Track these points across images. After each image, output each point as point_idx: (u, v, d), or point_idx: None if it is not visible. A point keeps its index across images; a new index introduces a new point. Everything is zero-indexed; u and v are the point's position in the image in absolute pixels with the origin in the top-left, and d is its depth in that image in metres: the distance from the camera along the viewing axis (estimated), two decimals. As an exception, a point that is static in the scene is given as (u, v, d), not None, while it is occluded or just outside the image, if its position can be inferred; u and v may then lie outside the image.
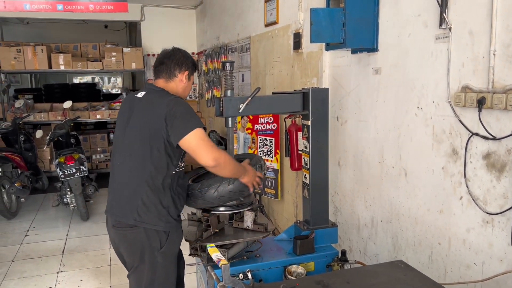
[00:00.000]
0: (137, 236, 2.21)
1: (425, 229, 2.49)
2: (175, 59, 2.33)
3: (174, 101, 2.18)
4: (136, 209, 2.18)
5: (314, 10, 2.66)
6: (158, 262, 2.23)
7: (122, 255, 2.36)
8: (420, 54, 2.43)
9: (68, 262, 4.25)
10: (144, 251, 2.22)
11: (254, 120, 4.45)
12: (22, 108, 6.98)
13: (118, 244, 2.33)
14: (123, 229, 2.24)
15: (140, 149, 2.18)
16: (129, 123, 2.27)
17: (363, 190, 3.08)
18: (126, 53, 7.51)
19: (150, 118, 2.17)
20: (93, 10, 4.70)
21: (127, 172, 2.24)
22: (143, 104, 2.26)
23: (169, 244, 2.25)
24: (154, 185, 2.18)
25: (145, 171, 2.17)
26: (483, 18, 2.01)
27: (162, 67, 2.34)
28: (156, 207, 2.19)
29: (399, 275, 1.80)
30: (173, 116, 2.10)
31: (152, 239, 2.20)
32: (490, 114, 2.00)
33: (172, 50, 2.39)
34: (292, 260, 2.46)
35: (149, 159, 2.16)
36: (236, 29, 5.62)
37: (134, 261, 2.28)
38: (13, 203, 5.66)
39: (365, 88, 2.96)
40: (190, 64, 2.38)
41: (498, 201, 2.00)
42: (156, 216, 2.19)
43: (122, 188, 2.25)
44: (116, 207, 2.27)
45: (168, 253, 2.27)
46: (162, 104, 2.16)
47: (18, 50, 7.02)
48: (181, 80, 2.35)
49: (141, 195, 2.18)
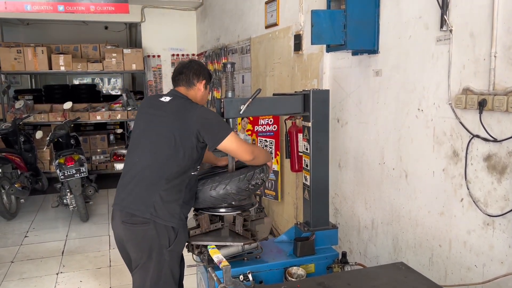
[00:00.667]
0: (147, 233, 2.26)
1: (426, 231, 2.49)
2: (193, 69, 2.49)
3: (205, 110, 2.35)
4: (153, 204, 2.25)
5: (315, 12, 2.66)
6: (165, 260, 2.29)
7: (128, 252, 2.38)
8: (421, 56, 2.43)
9: (68, 263, 4.24)
10: (153, 248, 2.27)
11: (254, 121, 4.45)
12: (22, 109, 6.98)
13: (126, 240, 2.35)
14: (134, 225, 2.28)
15: (166, 149, 2.28)
16: (153, 124, 2.38)
17: (363, 192, 3.08)
18: (126, 54, 7.51)
19: (181, 123, 2.28)
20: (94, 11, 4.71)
21: (147, 169, 2.30)
22: (171, 108, 2.36)
23: (177, 242, 2.32)
24: (175, 184, 2.27)
25: (169, 169, 2.26)
26: (484, 20, 2.01)
27: (182, 76, 2.49)
28: (172, 204, 2.27)
29: (400, 277, 1.80)
30: (208, 124, 2.27)
31: (161, 236, 2.26)
32: (491, 116, 2.00)
33: (189, 61, 2.57)
34: (292, 261, 2.46)
35: (175, 160, 2.26)
36: (237, 30, 5.63)
37: (141, 258, 2.31)
38: (13, 204, 5.65)
39: (366, 90, 2.96)
40: (207, 74, 2.54)
41: (499, 203, 2.00)
42: (171, 213, 2.27)
43: (139, 183, 2.31)
44: (128, 201, 2.31)
45: (175, 251, 2.33)
46: (193, 112, 2.30)
47: (19, 51, 7.02)
48: (199, 88, 2.50)
49: (159, 191, 2.26)
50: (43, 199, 6.48)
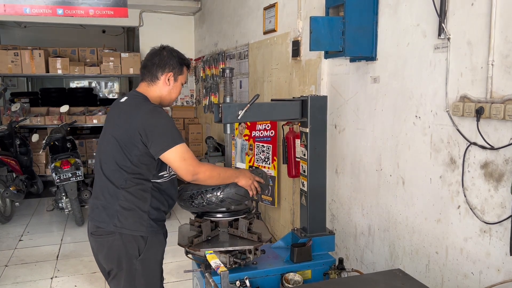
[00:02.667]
0: (114, 243, 2.15)
1: (423, 238, 2.49)
2: (158, 60, 2.21)
3: (151, 112, 2.10)
4: (116, 214, 2.14)
5: (313, 19, 2.67)
6: (136, 270, 2.19)
7: (101, 262, 2.31)
8: (419, 64, 2.45)
9: (63, 268, 4.21)
10: (121, 259, 2.17)
11: (251, 126, 4.46)
12: (18, 112, 6.96)
13: (96, 251, 2.28)
14: (100, 237, 2.19)
15: (116, 156, 2.14)
16: (107, 130, 2.25)
17: (360, 198, 3.08)
18: (124, 58, 7.51)
19: (125, 126, 2.12)
20: (93, 15, 4.70)
21: (104, 178, 2.18)
22: (123, 110, 2.20)
23: (149, 250, 2.20)
24: (134, 191, 2.14)
25: (121, 177, 2.13)
26: (481, 29, 2.03)
27: (145, 69, 2.24)
28: (136, 211, 2.15)
29: (397, 284, 1.79)
30: (151, 130, 2.05)
31: (128, 246, 2.15)
32: (488, 124, 2.01)
33: (158, 49, 2.25)
34: (289, 267, 2.45)
35: (124, 166, 2.12)
36: (235, 36, 5.64)
37: (112, 269, 2.23)
38: (8, 207, 5.62)
39: (363, 97, 2.97)
40: (176, 64, 2.23)
41: (495, 210, 2.01)
42: (137, 221, 2.15)
43: (101, 193, 2.20)
44: (95, 213, 2.22)
45: (148, 260, 2.22)
46: (138, 114, 2.09)
47: (16, 53, 7.01)
48: (165, 82, 2.23)
49: (118, 201, 2.14)
50: (38, 203, 6.44)
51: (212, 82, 6.51)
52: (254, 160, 4.47)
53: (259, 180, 2.31)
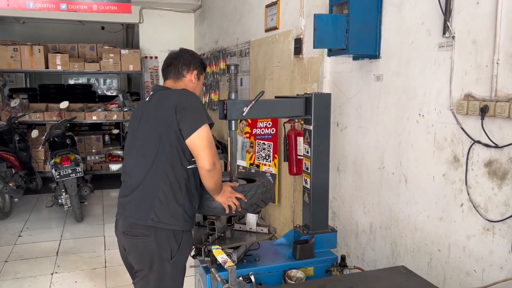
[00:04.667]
0: (148, 245, 2.16)
1: (425, 236, 2.50)
2: (183, 59, 2.34)
3: (183, 92, 2.21)
4: (153, 208, 2.14)
5: (318, 16, 2.68)
6: (167, 273, 2.20)
7: (130, 263, 2.30)
8: (423, 62, 2.45)
9: (63, 264, 4.21)
10: (154, 261, 2.17)
11: (252, 124, 4.46)
12: (17, 108, 6.93)
13: (127, 251, 2.27)
14: (135, 237, 2.19)
15: (153, 148, 2.16)
16: (139, 126, 2.28)
17: (362, 196, 3.09)
18: (123, 55, 7.49)
19: (160, 113, 2.17)
20: (97, 10, 4.68)
21: (142, 173, 2.19)
22: (151, 104, 2.27)
23: (180, 254, 2.21)
24: (169, 182, 2.15)
25: (160, 168, 2.15)
26: (487, 28, 2.04)
27: (170, 68, 2.35)
28: (172, 204, 2.15)
29: (402, 281, 1.80)
30: (183, 108, 2.11)
31: (163, 249, 2.16)
32: (493, 123, 2.02)
33: (179, 51, 2.39)
34: (291, 264, 2.46)
35: (162, 156, 2.14)
36: (236, 33, 5.64)
37: (142, 270, 2.22)
38: (7, 203, 5.60)
39: (366, 95, 2.98)
40: (199, 64, 2.39)
41: (499, 208, 2.02)
42: (174, 215, 2.16)
43: (138, 189, 2.20)
44: (130, 209, 2.21)
45: (178, 263, 2.23)
46: (170, 96, 2.18)
47: (15, 49, 6.97)
48: (190, 80, 2.36)
49: (157, 194, 2.15)
50: (37, 199, 6.43)
51: (213, 79, 6.51)
52: (255, 158, 4.48)
53: (239, 196, 2.26)
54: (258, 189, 2.33)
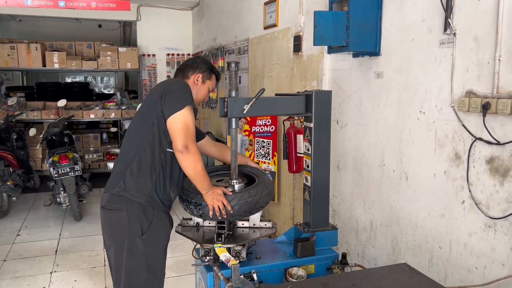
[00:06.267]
0: (120, 220, 2.25)
1: (426, 233, 2.50)
2: (191, 62, 2.48)
3: (174, 79, 2.34)
4: (123, 178, 2.25)
5: (318, 13, 2.67)
6: (139, 249, 2.26)
7: (104, 237, 2.41)
8: (424, 59, 2.45)
9: (62, 262, 4.19)
10: (125, 236, 2.25)
11: (251, 122, 4.45)
12: (14, 106, 6.89)
13: (102, 225, 2.38)
14: (109, 211, 2.29)
15: (136, 126, 2.33)
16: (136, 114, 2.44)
17: (362, 194, 3.09)
18: (121, 52, 7.46)
19: (149, 97, 2.32)
20: (95, 7, 4.65)
21: (123, 149, 2.35)
22: (149, 93, 2.40)
23: (152, 231, 2.27)
24: (145, 158, 2.24)
25: (138, 144, 2.26)
26: (488, 24, 2.03)
27: (179, 71, 2.50)
28: (142, 179, 2.24)
29: (405, 278, 1.80)
30: (168, 91, 2.22)
31: (133, 224, 2.24)
32: (495, 119, 2.02)
33: (194, 57, 2.59)
34: (292, 262, 2.45)
35: (142, 132, 2.26)
36: (234, 31, 5.62)
37: (115, 245, 2.31)
38: (4, 202, 5.57)
39: (367, 92, 2.97)
40: (207, 68, 2.48)
41: (501, 205, 2.02)
42: (140, 189, 2.23)
43: (117, 164, 2.34)
44: (109, 181, 2.34)
45: (151, 241, 2.29)
46: (161, 83, 2.35)
47: (12, 47, 6.93)
48: (193, 81, 2.44)
49: (130, 166, 2.25)
50: (35, 198, 6.40)
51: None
52: (254, 156, 4.47)
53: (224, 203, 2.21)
54: (249, 197, 2.26)
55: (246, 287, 1.51)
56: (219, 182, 2.51)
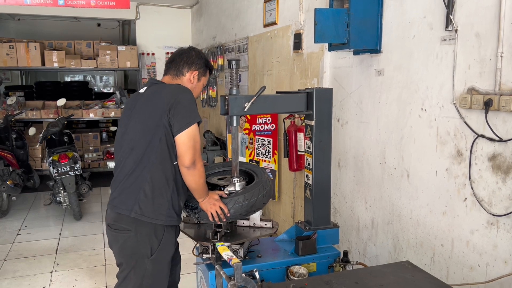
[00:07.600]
0: (128, 241, 2.18)
1: (428, 231, 2.49)
2: (186, 57, 2.32)
3: (178, 88, 2.18)
4: (138, 201, 2.15)
5: (318, 10, 2.65)
6: (146, 269, 2.21)
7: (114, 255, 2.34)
8: (425, 56, 2.44)
9: (62, 262, 4.18)
10: (133, 257, 2.19)
11: (252, 120, 4.44)
12: (14, 106, 6.88)
13: (110, 244, 2.32)
14: (116, 231, 2.22)
15: (142, 141, 2.16)
16: (131, 118, 2.26)
17: (363, 191, 3.08)
18: (120, 51, 7.45)
19: (152, 108, 2.16)
20: (95, 5, 4.62)
21: (131, 166, 2.18)
22: (145, 97, 2.25)
23: (161, 251, 2.22)
24: (157, 177, 2.15)
25: (148, 162, 2.15)
26: (490, 21, 2.02)
27: (172, 64, 2.34)
28: (157, 199, 2.16)
29: (407, 276, 1.79)
30: (176, 104, 2.09)
31: (141, 245, 2.17)
32: (497, 116, 2.01)
33: (186, 48, 2.37)
34: (294, 260, 2.45)
35: (152, 150, 2.14)
36: (234, 29, 5.61)
37: (122, 264, 2.26)
38: (4, 201, 5.56)
39: (367, 89, 2.96)
40: (202, 64, 2.35)
41: (503, 202, 2.01)
42: (157, 210, 2.16)
43: (125, 181, 2.20)
44: (117, 200, 2.22)
45: (159, 261, 2.23)
46: (164, 91, 2.16)
47: (11, 46, 6.92)
48: (189, 79, 2.33)
49: (143, 187, 2.14)
50: (35, 197, 6.39)
51: (210, 76, 6.47)
52: (254, 154, 4.46)
53: (222, 207, 2.22)
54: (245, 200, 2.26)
55: (248, 285, 1.50)
56: (221, 180, 2.50)
